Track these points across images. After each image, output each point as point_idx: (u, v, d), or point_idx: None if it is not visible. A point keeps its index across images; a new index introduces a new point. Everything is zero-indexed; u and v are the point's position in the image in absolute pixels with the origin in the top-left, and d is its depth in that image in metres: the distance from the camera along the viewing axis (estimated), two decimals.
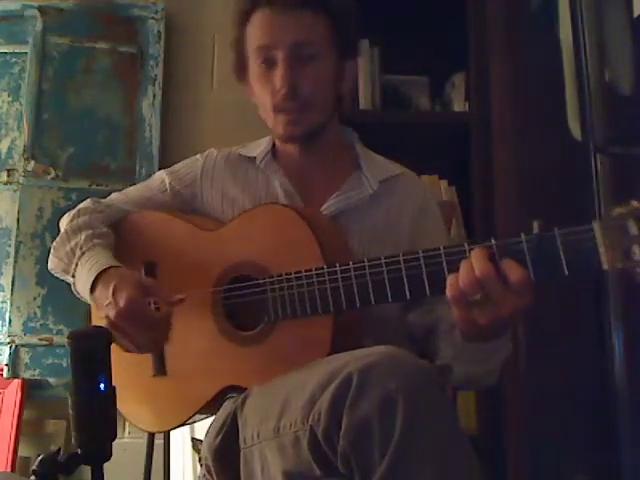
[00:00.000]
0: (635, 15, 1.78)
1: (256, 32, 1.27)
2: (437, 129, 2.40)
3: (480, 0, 2.29)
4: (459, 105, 2.40)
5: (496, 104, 2.22)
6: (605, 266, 0.90)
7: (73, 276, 1.27)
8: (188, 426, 1.85)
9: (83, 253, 1.25)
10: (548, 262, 0.93)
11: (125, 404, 1.27)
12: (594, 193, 1.77)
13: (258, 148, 1.36)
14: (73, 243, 1.28)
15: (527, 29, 2.16)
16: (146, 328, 1.14)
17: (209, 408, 1.23)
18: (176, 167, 1.42)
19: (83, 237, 1.28)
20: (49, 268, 1.36)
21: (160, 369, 1.27)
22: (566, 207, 1.88)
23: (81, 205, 1.39)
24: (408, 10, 2.38)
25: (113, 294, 1.14)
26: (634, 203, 0.90)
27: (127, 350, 1.15)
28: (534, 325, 1.97)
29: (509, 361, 1.17)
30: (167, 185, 1.38)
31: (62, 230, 1.35)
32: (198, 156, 1.41)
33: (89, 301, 1.25)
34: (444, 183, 2.38)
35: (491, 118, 2.23)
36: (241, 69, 1.33)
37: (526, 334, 1.97)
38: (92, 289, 1.20)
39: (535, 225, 0.94)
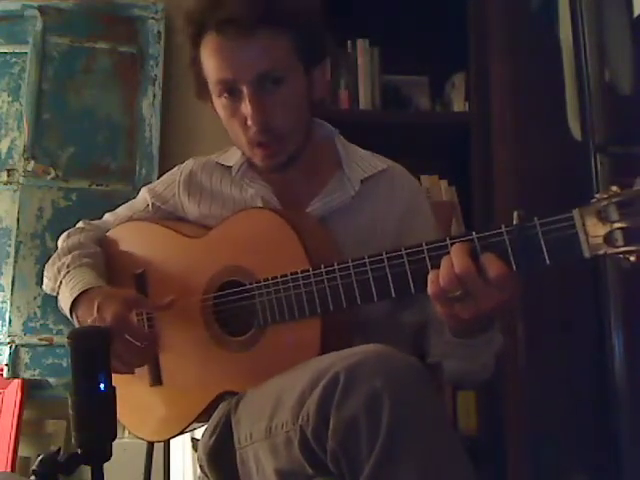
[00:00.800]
0: (635, 15, 1.78)
1: (211, 62, 1.17)
2: (437, 129, 2.40)
3: (480, 0, 2.29)
4: (459, 105, 2.40)
5: (496, 104, 2.22)
6: (587, 254, 0.89)
7: (57, 294, 1.29)
8: None
9: (68, 272, 1.26)
10: (529, 252, 0.92)
11: (124, 414, 1.26)
12: (594, 193, 1.77)
13: (235, 156, 1.31)
14: (60, 263, 1.29)
15: (527, 29, 2.16)
16: (132, 343, 1.15)
17: (206, 416, 1.22)
18: (156, 184, 1.41)
19: (70, 257, 1.29)
20: (43, 288, 1.36)
21: (156, 379, 1.28)
22: (566, 207, 1.87)
23: (75, 227, 1.41)
24: (408, 10, 2.38)
25: (98, 311, 1.14)
26: (614, 188, 0.89)
27: (116, 371, 1.12)
28: (534, 325, 1.97)
29: (509, 361, 1.17)
30: (149, 203, 1.38)
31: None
32: (176, 169, 1.39)
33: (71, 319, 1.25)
34: (444, 183, 2.38)
35: (491, 118, 2.23)
36: (201, 91, 1.24)
37: (526, 334, 1.97)
38: (74, 307, 1.21)
39: (515, 215, 0.93)
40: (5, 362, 2.32)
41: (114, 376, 0.85)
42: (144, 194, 1.40)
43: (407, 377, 0.91)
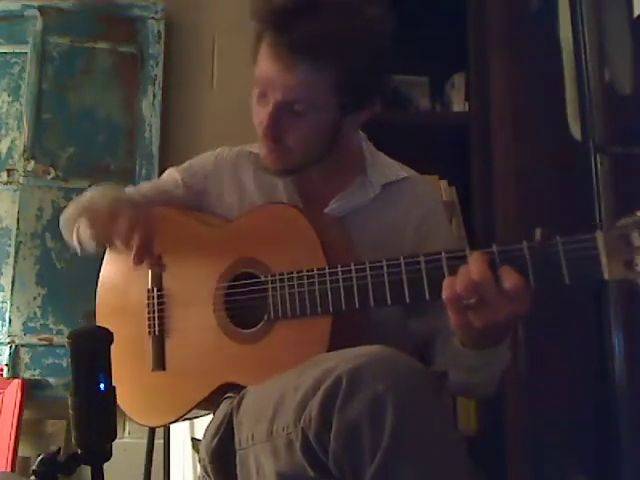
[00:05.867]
0: (635, 15, 1.78)
1: (260, 63, 1.19)
2: (437, 129, 2.39)
3: (480, 0, 2.29)
4: (459, 105, 2.40)
5: (496, 104, 2.22)
6: (606, 276, 0.89)
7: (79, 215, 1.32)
8: (188, 426, 1.85)
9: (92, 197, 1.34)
10: (549, 270, 0.93)
11: (124, 398, 1.28)
12: (594, 193, 1.77)
13: None
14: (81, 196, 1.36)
15: (527, 29, 2.16)
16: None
17: (207, 405, 1.23)
18: (188, 163, 1.43)
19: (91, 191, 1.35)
20: (60, 226, 1.41)
21: (159, 363, 1.29)
22: (566, 207, 1.88)
23: None
24: (408, 10, 2.37)
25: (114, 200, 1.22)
26: (639, 214, 0.89)
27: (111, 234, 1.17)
28: (534, 326, 1.97)
29: (509, 362, 1.17)
30: (179, 181, 1.39)
31: None
32: (209, 153, 1.42)
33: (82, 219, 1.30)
34: (444, 183, 2.37)
35: (491, 118, 2.23)
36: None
37: (526, 335, 1.97)
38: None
39: (537, 232, 0.94)
40: (5, 362, 2.32)
41: (117, 358, 0.85)
42: (172, 172, 1.42)
43: (411, 380, 0.91)
